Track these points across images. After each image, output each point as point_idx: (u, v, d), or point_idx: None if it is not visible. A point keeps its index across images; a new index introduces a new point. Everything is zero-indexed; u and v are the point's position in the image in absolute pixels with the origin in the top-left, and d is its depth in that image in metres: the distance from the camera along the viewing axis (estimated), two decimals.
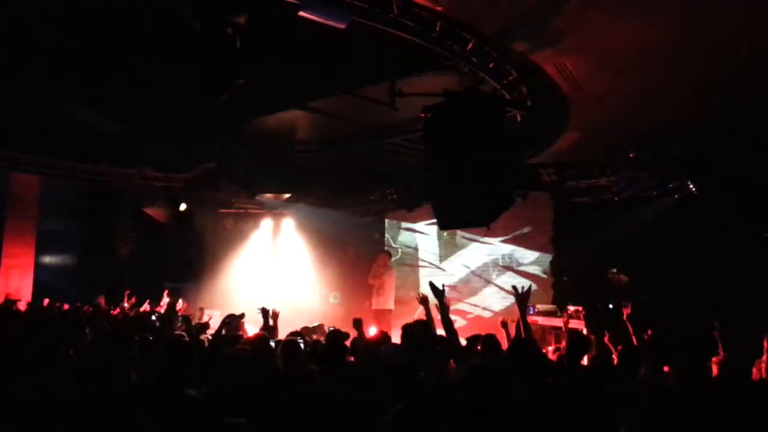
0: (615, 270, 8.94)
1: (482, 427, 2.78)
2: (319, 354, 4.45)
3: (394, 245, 12.84)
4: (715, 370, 4.72)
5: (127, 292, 9.86)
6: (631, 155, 8.34)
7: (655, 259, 8.96)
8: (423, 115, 6.03)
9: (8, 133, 9.55)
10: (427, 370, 4.30)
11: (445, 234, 11.99)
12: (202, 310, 10.35)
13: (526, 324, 5.53)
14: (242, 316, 8.00)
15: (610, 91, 6.51)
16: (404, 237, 12.93)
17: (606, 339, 6.07)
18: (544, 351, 5.38)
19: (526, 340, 5.10)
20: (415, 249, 12.76)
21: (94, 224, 11.86)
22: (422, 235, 12.65)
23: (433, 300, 5.22)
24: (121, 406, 3.10)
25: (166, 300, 9.51)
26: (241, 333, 6.47)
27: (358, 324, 5.95)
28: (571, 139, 8.19)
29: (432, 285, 5.14)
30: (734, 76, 5.91)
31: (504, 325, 6.09)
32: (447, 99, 5.96)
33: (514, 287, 5.31)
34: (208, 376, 4.17)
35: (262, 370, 3.35)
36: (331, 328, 6.87)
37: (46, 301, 10.00)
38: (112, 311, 9.35)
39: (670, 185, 8.60)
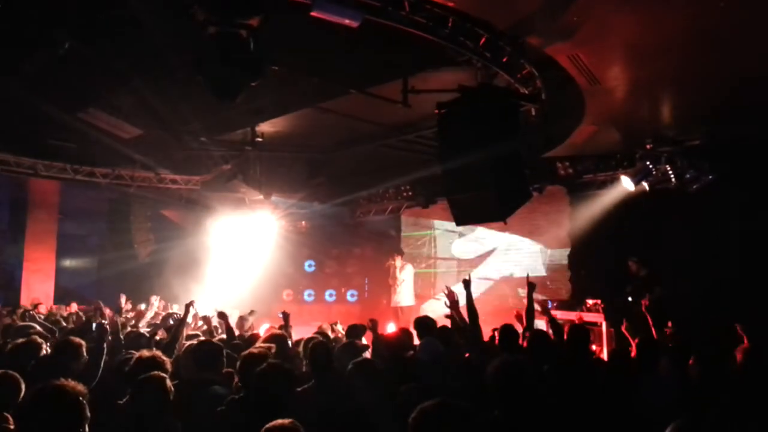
0: (636, 259, 8.87)
1: (515, 422, 2.79)
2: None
3: (409, 242, 12.87)
4: (738, 357, 4.68)
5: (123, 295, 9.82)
6: (648, 146, 8.26)
7: (673, 250, 8.88)
8: (437, 111, 6.01)
9: (27, 140, 9.69)
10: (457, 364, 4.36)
11: (460, 229, 11.98)
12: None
13: (531, 308, 5.67)
14: (252, 313, 8.09)
15: (625, 82, 6.45)
16: (420, 233, 12.95)
17: (624, 329, 6.07)
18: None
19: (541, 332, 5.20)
20: (431, 245, 12.77)
21: (113, 227, 12.01)
22: (438, 231, 12.65)
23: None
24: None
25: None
26: (256, 333, 6.51)
27: (374, 325, 6.01)
28: (587, 132, 8.13)
29: (464, 281, 5.28)
30: (753, 65, 5.83)
31: (519, 317, 6.14)
32: (461, 94, 5.94)
33: (527, 276, 5.56)
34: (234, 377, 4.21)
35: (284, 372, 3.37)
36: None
37: (74, 305, 10.10)
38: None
39: (688, 176, 8.50)
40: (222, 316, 6.52)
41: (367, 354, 5.04)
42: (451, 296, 5.57)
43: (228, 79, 4.59)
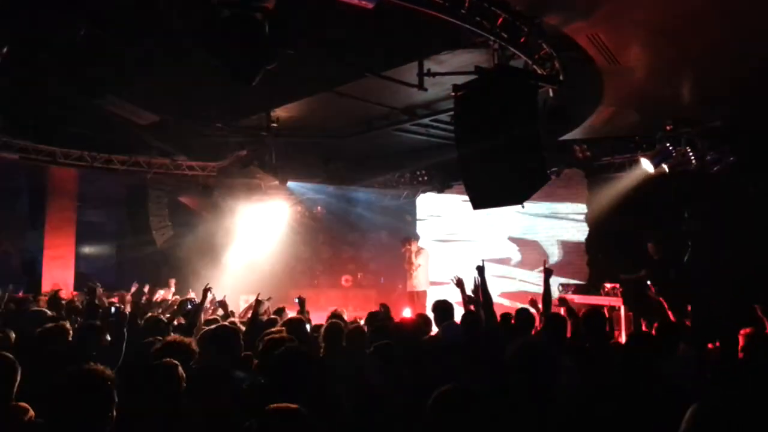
0: (654, 241, 8.79)
1: (537, 407, 2.77)
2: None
3: (425, 226, 12.85)
4: (741, 341, 4.64)
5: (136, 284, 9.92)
6: (668, 128, 8.13)
7: (692, 233, 8.79)
8: (453, 93, 5.95)
9: (46, 128, 9.79)
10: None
11: (476, 213, 11.92)
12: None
13: (548, 294, 5.65)
14: (268, 299, 8.15)
15: (645, 62, 6.32)
16: (436, 217, 12.93)
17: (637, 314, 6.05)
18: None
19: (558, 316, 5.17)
20: (447, 229, 12.74)
21: (131, 214, 12.10)
22: (454, 215, 12.61)
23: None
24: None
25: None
26: (274, 317, 6.56)
27: (386, 310, 6.04)
28: (606, 113, 8.01)
29: (478, 267, 5.22)
30: None
31: (533, 302, 6.11)
32: (477, 76, 5.87)
33: (544, 262, 5.53)
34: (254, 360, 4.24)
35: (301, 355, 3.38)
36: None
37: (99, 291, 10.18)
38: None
39: (708, 158, 8.36)
40: (222, 305, 6.65)
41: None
42: (459, 284, 5.57)
43: (243, 62, 4.57)
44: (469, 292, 5.91)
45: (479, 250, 11.45)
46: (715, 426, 1.89)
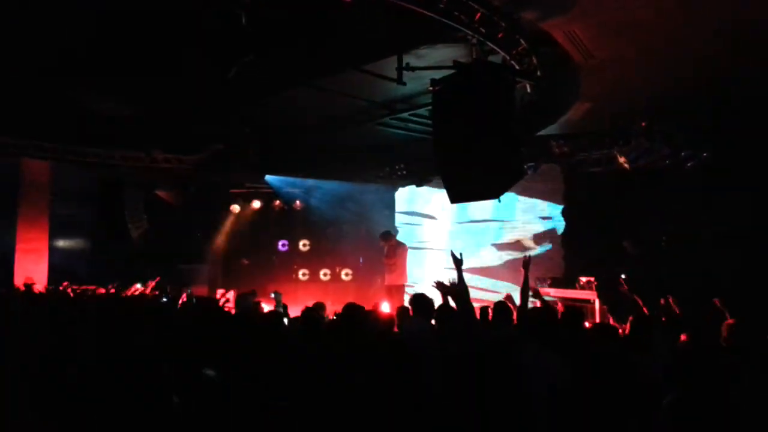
0: (630, 238, 8.91)
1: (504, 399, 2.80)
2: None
3: (403, 221, 12.89)
4: (724, 332, 4.75)
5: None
6: (643, 124, 8.23)
7: (667, 229, 8.93)
8: (431, 88, 5.96)
9: (17, 120, 9.58)
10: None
11: (454, 207, 11.98)
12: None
13: (526, 287, 5.67)
14: (254, 293, 8.10)
15: (621, 58, 6.39)
16: (413, 212, 12.97)
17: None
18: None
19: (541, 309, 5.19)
20: (423, 224, 12.79)
21: (105, 208, 11.91)
22: (432, 210, 12.66)
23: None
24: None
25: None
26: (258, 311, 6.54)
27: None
28: (582, 109, 8.08)
29: (452, 254, 5.18)
30: (753, 40, 5.78)
31: (509, 298, 6.12)
32: (456, 71, 5.89)
33: (526, 256, 5.57)
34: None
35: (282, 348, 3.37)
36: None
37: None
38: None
39: (684, 154, 8.49)
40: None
41: None
42: (440, 287, 5.58)
43: (220, 54, 4.54)
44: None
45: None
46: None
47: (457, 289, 4.88)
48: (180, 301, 7.63)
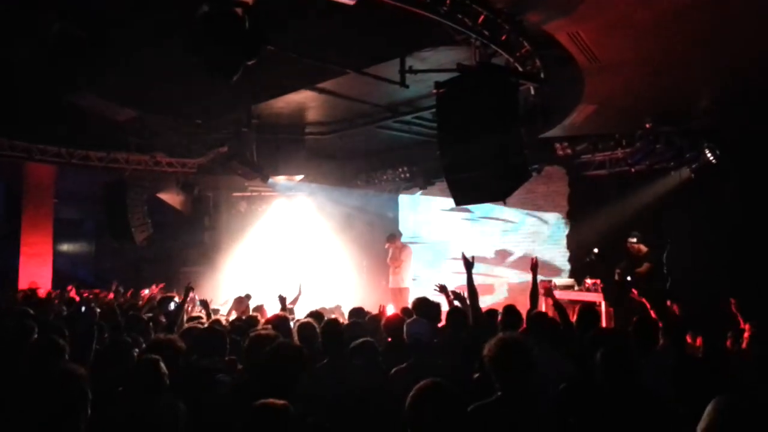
0: (635, 240, 8.87)
1: (513, 403, 2.77)
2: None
3: (407, 224, 12.86)
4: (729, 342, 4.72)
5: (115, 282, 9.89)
6: (647, 126, 8.20)
7: (671, 230, 8.89)
8: (435, 91, 5.94)
9: (22, 124, 9.60)
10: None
11: (459, 210, 11.94)
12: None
13: (535, 289, 5.65)
14: (248, 297, 8.06)
15: (625, 60, 6.36)
16: (417, 215, 12.94)
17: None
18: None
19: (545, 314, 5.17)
20: (429, 227, 12.76)
21: (109, 211, 11.92)
22: (436, 212, 12.63)
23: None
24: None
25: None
26: (255, 315, 6.51)
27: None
28: (586, 111, 8.05)
29: (463, 256, 5.18)
30: (757, 43, 5.75)
31: (443, 289, 6.01)
32: (459, 74, 5.87)
33: (534, 258, 5.60)
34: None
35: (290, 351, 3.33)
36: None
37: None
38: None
39: (688, 155, 8.46)
40: (204, 304, 6.68)
41: None
42: (443, 290, 5.56)
43: (223, 58, 4.52)
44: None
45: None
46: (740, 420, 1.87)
47: (468, 292, 4.91)
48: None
